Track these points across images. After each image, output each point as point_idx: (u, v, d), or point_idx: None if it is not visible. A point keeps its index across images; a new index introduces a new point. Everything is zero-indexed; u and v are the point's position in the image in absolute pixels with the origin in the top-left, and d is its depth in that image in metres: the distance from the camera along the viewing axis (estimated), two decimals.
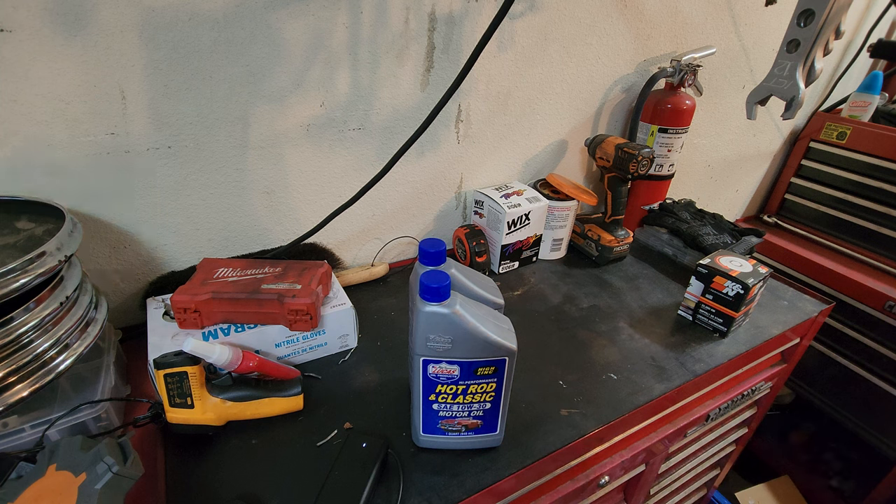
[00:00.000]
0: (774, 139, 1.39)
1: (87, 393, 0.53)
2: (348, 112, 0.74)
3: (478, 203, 0.92)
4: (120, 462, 0.40)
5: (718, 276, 0.73)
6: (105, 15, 0.54)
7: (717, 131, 1.23)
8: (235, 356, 0.55)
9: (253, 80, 0.65)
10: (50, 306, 0.48)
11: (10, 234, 0.52)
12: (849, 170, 1.26)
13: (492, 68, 0.82)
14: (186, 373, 0.52)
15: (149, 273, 0.72)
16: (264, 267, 0.68)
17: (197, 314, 0.60)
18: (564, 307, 0.82)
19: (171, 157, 0.65)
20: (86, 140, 0.59)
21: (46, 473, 0.40)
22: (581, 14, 0.86)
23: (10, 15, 0.51)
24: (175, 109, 0.63)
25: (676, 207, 1.02)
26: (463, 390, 0.49)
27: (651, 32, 0.96)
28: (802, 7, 0.56)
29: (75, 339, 0.51)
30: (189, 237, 0.73)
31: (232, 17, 0.61)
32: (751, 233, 0.94)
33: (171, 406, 0.52)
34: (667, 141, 0.99)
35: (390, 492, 0.50)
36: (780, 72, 0.60)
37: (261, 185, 0.74)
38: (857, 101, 1.24)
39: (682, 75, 0.94)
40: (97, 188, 0.63)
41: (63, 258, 0.48)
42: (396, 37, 0.72)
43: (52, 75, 0.55)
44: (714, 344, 0.75)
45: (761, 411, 0.99)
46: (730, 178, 1.38)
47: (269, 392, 0.56)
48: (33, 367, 0.46)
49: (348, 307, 0.67)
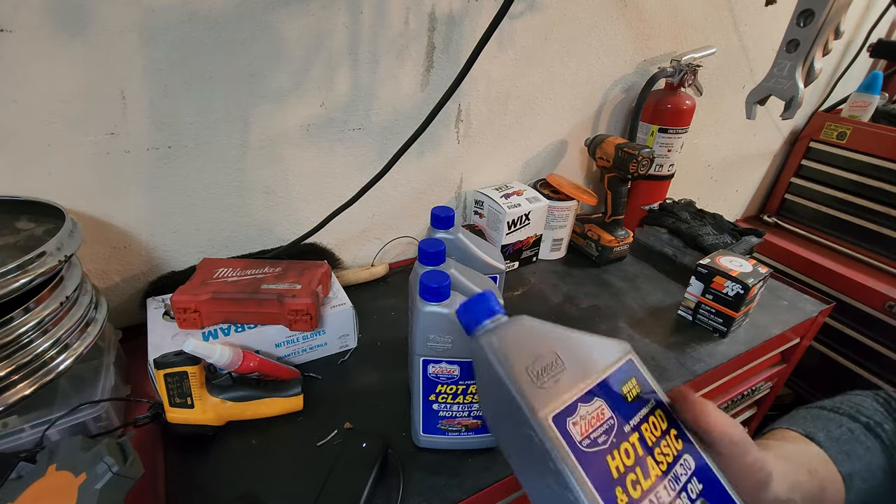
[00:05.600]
0: (774, 139, 1.39)
1: (87, 393, 0.53)
2: (348, 112, 0.74)
3: (478, 203, 0.92)
4: (120, 462, 0.40)
5: (718, 276, 0.73)
6: (105, 15, 0.54)
7: (717, 131, 1.23)
8: (236, 356, 0.55)
9: (253, 80, 0.65)
10: (50, 306, 0.48)
11: (10, 234, 0.52)
12: (849, 170, 1.26)
13: (492, 68, 0.82)
14: (186, 373, 0.52)
15: (149, 273, 0.72)
16: (264, 267, 0.68)
17: (197, 314, 0.60)
18: (564, 307, 0.82)
19: (171, 157, 0.65)
20: (86, 140, 0.59)
21: (46, 473, 0.40)
22: (581, 14, 0.86)
23: (10, 15, 0.51)
24: (175, 109, 0.63)
25: (676, 207, 1.02)
26: (463, 390, 0.48)
27: (651, 32, 0.96)
28: (802, 7, 0.56)
29: (75, 339, 0.51)
30: (189, 237, 0.73)
31: (232, 17, 0.61)
32: (751, 233, 0.94)
33: (171, 406, 0.52)
34: (667, 141, 0.99)
35: (390, 492, 0.50)
36: (780, 72, 0.60)
37: (261, 185, 0.74)
38: (857, 101, 1.24)
39: (682, 75, 0.94)
40: (97, 188, 0.63)
41: (63, 258, 0.48)
42: (396, 37, 0.72)
43: (52, 75, 0.55)
44: (714, 344, 0.75)
45: (761, 411, 0.99)
46: (730, 178, 1.38)
47: (269, 392, 0.56)
48: (33, 367, 0.46)
49: (348, 307, 0.67)
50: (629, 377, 0.28)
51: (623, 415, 0.26)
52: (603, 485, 0.23)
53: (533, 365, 0.27)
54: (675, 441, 0.27)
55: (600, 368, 0.28)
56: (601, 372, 0.27)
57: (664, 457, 0.26)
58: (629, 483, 0.24)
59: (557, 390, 0.25)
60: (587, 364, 0.28)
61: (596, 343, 0.30)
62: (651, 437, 0.26)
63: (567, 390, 0.25)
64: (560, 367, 0.27)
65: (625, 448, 0.25)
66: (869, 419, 0.37)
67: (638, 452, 0.25)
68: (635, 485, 0.24)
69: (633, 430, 0.26)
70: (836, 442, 0.35)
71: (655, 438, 0.26)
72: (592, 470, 0.23)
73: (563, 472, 0.23)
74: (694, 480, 0.25)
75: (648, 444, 0.26)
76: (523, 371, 0.26)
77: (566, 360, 0.27)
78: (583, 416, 0.25)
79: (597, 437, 0.25)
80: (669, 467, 0.25)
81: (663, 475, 0.25)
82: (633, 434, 0.26)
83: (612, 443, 0.25)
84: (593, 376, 0.27)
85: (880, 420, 0.37)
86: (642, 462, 0.25)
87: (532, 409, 0.24)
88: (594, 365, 0.28)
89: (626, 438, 0.25)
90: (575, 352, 0.28)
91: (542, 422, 0.24)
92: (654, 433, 0.26)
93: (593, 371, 0.27)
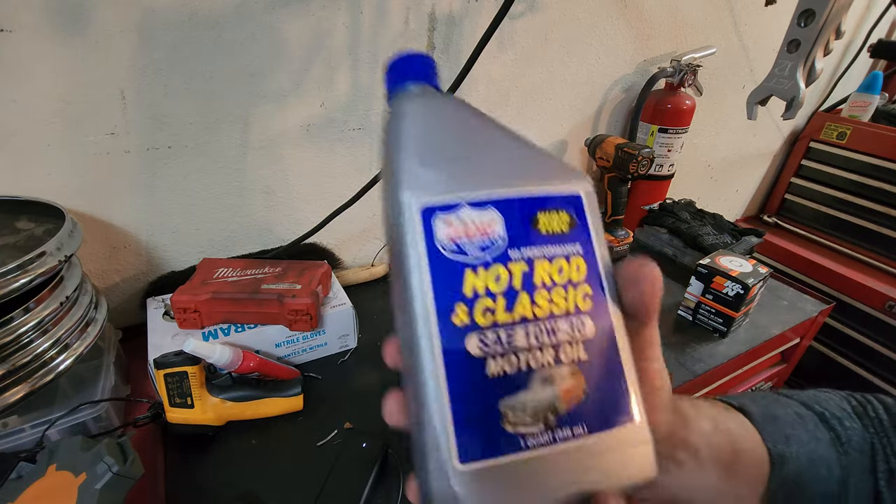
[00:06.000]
0: (774, 139, 1.39)
1: (87, 393, 0.53)
2: (348, 112, 0.74)
3: None
4: (120, 462, 0.40)
5: (718, 276, 0.73)
6: (105, 15, 0.54)
7: (717, 131, 1.23)
8: (236, 356, 0.55)
9: (253, 80, 0.65)
10: (50, 306, 0.48)
11: (10, 234, 0.52)
12: (849, 170, 1.26)
13: (492, 68, 0.82)
14: (186, 373, 0.52)
15: (149, 273, 0.72)
16: (264, 267, 0.68)
17: (197, 314, 0.60)
18: None
19: (171, 157, 0.65)
20: (86, 140, 0.59)
21: (46, 473, 0.40)
22: (581, 14, 0.86)
23: (10, 15, 0.51)
24: (175, 109, 0.63)
25: (676, 207, 1.02)
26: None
27: (651, 32, 0.96)
28: (803, 7, 0.56)
29: (75, 339, 0.51)
30: (189, 237, 0.73)
31: (232, 17, 0.61)
32: (751, 233, 0.94)
33: (171, 406, 0.52)
34: (667, 141, 0.99)
35: (390, 492, 0.50)
36: (781, 72, 0.60)
37: (261, 185, 0.74)
38: (857, 101, 1.24)
39: (682, 75, 0.94)
40: (97, 188, 0.63)
41: (63, 258, 0.48)
42: (396, 37, 0.72)
43: (52, 75, 0.55)
44: (714, 344, 0.75)
45: None
46: (730, 178, 1.38)
47: (269, 392, 0.56)
48: (33, 367, 0.46)
49: (348, 307, 0.67)
50: (559, 209, 0.22)
51: (519, 240, 0.21)
52: (445, 292, 0.19)
53: (438, 147, 0.21)
54: (582, 300, 0.21)
55: (519, 182, 0.21)
56: (517, 186, 0.21)
57: (550, 305, 0.20)
58: (479, 307, 0.19)
59: (445, 182, 0.20)
60: (506, 172, 0.22)
61: (539, 159, 0.23)
62: (545, 279, 0.21)
63: (458, 188, 0.20)
64: (467, 162, 0.21)
65: (497, 272, 0.20)
66: (826, 410, 0.31)
67: (513, 284, 0.20)
68: (486, 312, 0.19)
69: (522, 261, 0.20)
70: (774, 421, 0.29)
71: (551, 282, 0.21)
72: (441, 273, 0.19)
73: (405, 261, 0.19)
74: (579, 348, 0.20)
75: (535, 283, 0.20)
76: (421, 148, 0.21)
77: (481, 157, 0.22)
78: (462, 220, 0.20)
79: (466, 246, 0.20)
80: (549, 318, 0.20)
81: (532, 321, 0.20)
82: (520, 264, 0.20)
83: (482, 260, 0.20)
84: (502, 188, 0.21)
85: (841, 416, 0.31)
86: (512, 296, 0.20)
87: (399, 187, 0.20)
88: (514, 176, 0.22)
89: (506, 264, 0.20)
90: (500, 154, 0.22)
91: (405, 203, 0.19)
92: (553, 277, 0.21)
93: (507, 182, 0.21)
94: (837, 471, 0.28)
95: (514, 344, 0.20)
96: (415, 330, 0.19)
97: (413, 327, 0.19)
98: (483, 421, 0.19)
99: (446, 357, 0.19)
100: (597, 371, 0.20)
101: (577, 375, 0.20)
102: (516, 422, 0.19)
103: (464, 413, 0.19)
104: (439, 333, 0.19)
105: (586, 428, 0.20)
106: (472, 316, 0.19)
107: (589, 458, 0.19)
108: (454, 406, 0.19)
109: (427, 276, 0.19)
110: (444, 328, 0.19)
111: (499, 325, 0.20)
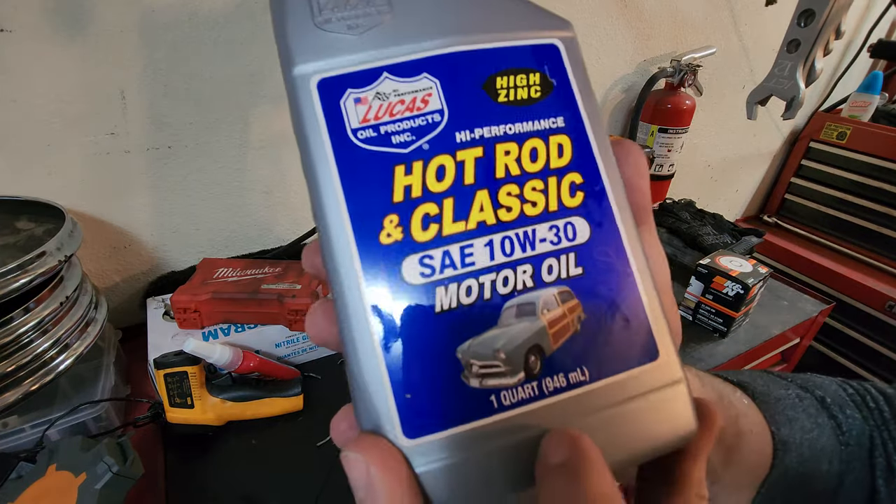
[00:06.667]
0: (774, 139, 1.39)
1: (87, 393, 0.53)
2: None
3: None
4: (120, 462, 0.40)
5: (718, 276, 0.73)
6: (105, 15, 0.54)
7: (717, 131, 1.23)
8: (236, 356, 0.55)
9: (253, 80, 0.65)
10: (50, 306, 0.48)
11: (10, 234, 0.52)
12: (849, 170, 1.26)
13: None
14: (186, 373, 0.52)
15: (149, 273, 0.72)
16: (264, 267, 0.68)
17: (197, 314, 0.60)
18: None
19: (171, 157, 0.65)
20: (86, 140, 0.59)
21: (46, 473, 0.40)
22: (581, 14, 0.86)
23: (10, 15, 0.51)
24: (175, 109, 0.63)
25: (676, 207, 1.02)
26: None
27: (651, 32, 0.96)
28: (803, 7, 0.56)
29: (75, 339, 0.51)
30: (189, 237, 0.73)
31: (232, 17, 0.61)
32: (751, 233, 0.94)
33: (171, 406, 0.52)
34: (667, 141, 0.99)
35: None
36: (781, 72, 0.60)
37: (261, 185, 0.74)
38: (857, 101, 1.24)
39: (682, 75, 0.94)
40: (97, 188, 0.63)
41: (63, 258, 0.48)
42: None
43: (52, 75, 0.55)
44: (714, 344, 0.75)
45: None
46: (730, 178, 1.38)
47: (269, 392, 0.56)
48: (33, 367, 0.46)
49: None
50: (526, 69, 0.16)
51: (469, 117, 0.15)
52: (366, 200, 0.14)
53: None
54: (569, 193, 0.15)
55: (463, 33, 0.15)
56: (460, 38, 0.15)
57: (522, 204, 0.15)
58: (417, 216, 0.14)
59: (353, 42, 0.15)
60: (444, 20, 0.15)
61: (497, 1, 0.16)
62: (513, 168, 0.15)
63: (372, 48, 0.15)
64: (382, 12, 0.15)
65: (439, 164, 0.14)
66: (825, 395, 0.28)
67: (463, 179, 0.15)
68: (427, 222, 0.14)
69: (473, 145, 0.15)
70: (776, 402, 0.25)
71: (521, 172, 0.15)
72: (357, 174, 0.14)
73: (307, 162, 0.15)
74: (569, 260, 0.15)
75: (496, 175, 0.15)
76: (314, 2, 0.15)
77: (402, 6, 0.15)
78: (381, 95, 0.14)
79: (391, 131, 0.14)
80: (521, 222, 0.15)
81: (496, 228, 0.14)
82: (473, 150, 0.15)
83: (417, 149, 0.14)
84: (437, 43, 0.15)
85: (842, 403, 0.28)
86: (463, 195, 0.14)
87: (290, 58, 0.14)
88: (456, 26, 0.15)
89: (453, 152, 0.15)
90: None
91: (297, 79, 0.14)
92: (524, 165, 0.15)
93: (445, 33, 0.15)
94: (837, 465, 0.26)
95: (473, 263, 0.14)
96: (331, 258, 0.14)
97: (329, 254, 0.14)
98: (435, 377, 0.13)
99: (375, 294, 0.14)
100: (599, 291, 0.15)
101: (569, 300, 0.15)
102: (483, 373, 0.14)
103: (406, 369, 0.13)
104: (360, 261, 0.14)
105: (587, 372, 0.14)
106: (407, 230, 0.14)
107: (593, 415, 0.14)
108: (391, 362, 0.13)
109: (336, 180, 0.14)
110: (367, 252, 0.14)
111: (447, 238, 0.14)
